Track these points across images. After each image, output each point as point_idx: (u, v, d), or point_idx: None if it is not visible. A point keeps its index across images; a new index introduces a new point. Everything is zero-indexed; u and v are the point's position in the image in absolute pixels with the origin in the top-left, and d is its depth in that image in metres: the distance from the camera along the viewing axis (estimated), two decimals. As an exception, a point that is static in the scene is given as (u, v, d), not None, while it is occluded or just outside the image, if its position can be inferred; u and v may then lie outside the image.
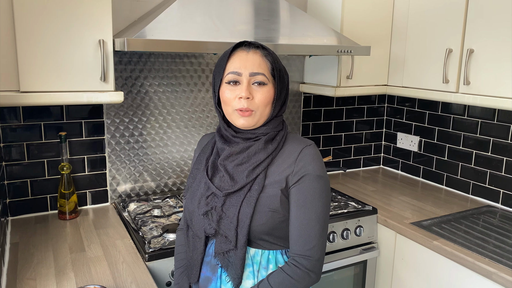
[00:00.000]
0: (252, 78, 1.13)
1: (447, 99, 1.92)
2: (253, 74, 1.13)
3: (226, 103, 1.16)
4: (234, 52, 1.16)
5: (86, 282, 1.34)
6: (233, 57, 1.15)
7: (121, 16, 1.84)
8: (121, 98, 1.57)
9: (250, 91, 1.13)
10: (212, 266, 1.18)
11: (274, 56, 1.17)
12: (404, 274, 1.88)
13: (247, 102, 1.12)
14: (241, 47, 1.16)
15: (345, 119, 2.54)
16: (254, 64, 1.13)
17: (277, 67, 1.17)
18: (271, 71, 1.15)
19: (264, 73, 1.14)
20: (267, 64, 1.15)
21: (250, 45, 1.16)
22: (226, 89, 1.15)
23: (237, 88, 1.14)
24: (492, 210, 2.02)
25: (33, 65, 1.43)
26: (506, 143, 2.02)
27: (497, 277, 1.47)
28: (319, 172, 1.15)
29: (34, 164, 1.81)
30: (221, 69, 1.16)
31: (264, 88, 1.14)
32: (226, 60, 1.15)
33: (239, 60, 1.14)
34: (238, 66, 1.13)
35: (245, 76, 1.13)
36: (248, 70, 1.13)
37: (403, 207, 2.05)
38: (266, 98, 1.14)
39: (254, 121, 1.15)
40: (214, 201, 1.15)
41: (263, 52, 1.16)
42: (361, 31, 2.09)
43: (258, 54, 1.15)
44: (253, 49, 1.15)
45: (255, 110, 1.14)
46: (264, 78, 1.14)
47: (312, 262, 1.13)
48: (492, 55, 1.73)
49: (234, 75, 1.13)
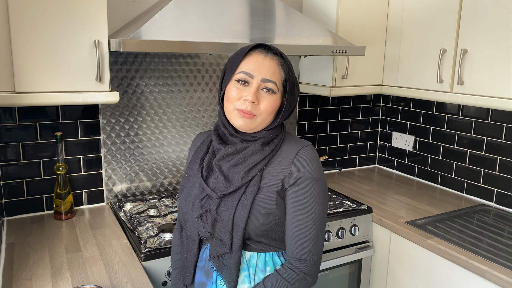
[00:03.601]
0: (263, 84, 1.10)
1: (441, 99, 1.93)
2: (265, 80, 1.10)
3: (229, 100, 1.13)
4: (251, 52, 1.13)
5: (82, 282, 1.34)
6: (249, 57, 1.12)
7: (117, 16, 1.84)
8: (117, 98, 1.57)
9: (258, 96, 1.10)
10: (206, 271, 1.17)
11: (289, 67, 1.14)
12: (399, 272, 1.89)
13: (251, 105, 1.10)
14: (259, 49, 1.13)
15: (341, 119, 2.55)
16: (269, 71, 1.10)
17: (291, 79, 1.14)
18: (283, 82, 1.13)
19: (276, 82, 1.11)
20: (281, 74, 1.12)
21: (269, 50, 1.13)
22: (234, 86, 1.12)
23: (245, 89, 1.11)
24: (486, 209, 2.04)
25: (28, 65, 1.43)
26: (500, 142, 2.04)
27: (490, 275, 1.49)
28: (316, 174, 1.13)
29: (30, 164, 1.81)
30: (234, 66, 1.12)
31: (272, 96, 1.12)
32: (241, 58, 1.12)
33: (255, 62, 1.11)
34: (253, 68, 1.10)
35: (257, 80, 1.10)
36: (261, 75, 1.10)
37: (398, 206, 2.06)
38: (271, 106, 1.12)
39: (253, 126, 1.13)
40: (209, 204, 1.14)
41: (280, 60, 1.13)
42: (356, 31, 2.10)
43: (275, 61, 1.12)
44: (271, 55, 1.12)
45: (257, 116, 1.12)
46: (274, 86, 1.11)
47: (308, 266, 1.12)
48: (485, 56, 1.74)
49: (246, 76, 1.10)
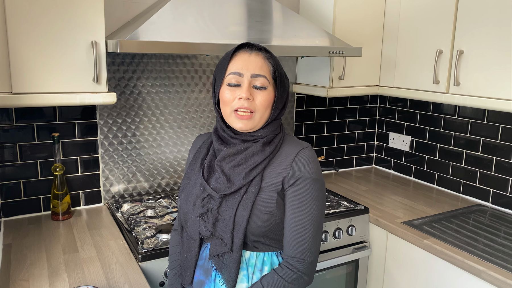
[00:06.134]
0: (253, 80, 1.13)
1: (438, 100, 1.94)
2: (255, 75, 1.13)
3: (225, 103, 1.15)
4: (236, 53, 1.16)
5: (79, 283, 1.34)
6: (235, 58, 1.15)
7: (114, 17, 1.84)
8: (114, 99, 1.57)
9: (251, 93, 1.13)
10: (206, 269, 1.18)
11: (275, 60, 1.17)
12: (396, 272, 1.90)
13: (247, 102, 1.12)
14: (243, 48, 1.16)
15: (338, 119, 2.56)
16: (256, 66, 1.13)
17: (279, 70, 1.17)
18: (272, 74, 1.16)
19: (265, 76, 1.14)
20: (269, 67, 1.15)
21: (252, 47, 1.16)
22: (227, 89, 1.14)
23: (237, 89, 1.13)
24: (482, 209, 2.05)
25: (25, 66, 1.43)
26: (496, 143, 2.05)
27: (486, 275, 1.49)
28: (314, 175, 1.15)
29: (27, 165, 1.81)
30: (222, 70, 1.15)
31: (264, 91, 1.14)
32: (228, 61, 1.15)
33: (241, 61, 1.14)
34: (240, 67, 1.13)
35: (247, 77, 1.13)
36: (250, 72, 1.12)
37: (395, 206, 2.07)
38: (266, 100, 1.14)
39: (253, 124, 1.15)
40: (210, 203, 1.15)
41: (266, 55, 1.16)
42: (353, 32, 2.10)
43: (260, 56, 1.15)
44: (256, 51, 1.15)
45: (255, 112, 1.14)
46: (265, 80, 1.14)
47: (306, 265, 1.13)
48: (481, 57, 1.75)
49: (236, 76, 1.13)
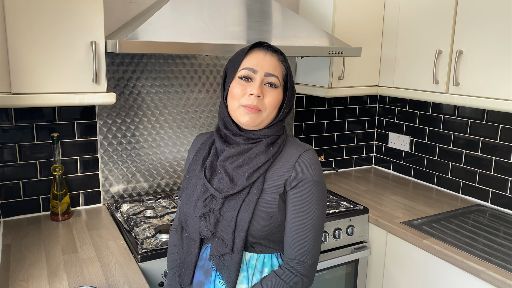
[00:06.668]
0: (266, 79, 1.14)
1: (437, 100, 1.94)
2: (268, 74, 1.14)
3: (234, 97, 1.15)
4: (251, 50, 1.17)
5: (79, 283, 1.34)
6: (250, 54, 1.16)
7: (113, 17, 1.84)
8: (113, 100, 1.57)
9: (262, 91, 1.14)
10: (206, 270, 1.18)
11: (288, 64, 1.20)
12: (395, 272, 1.90)
13: (256, 100, 1.13)
14: (259, 47, 1.17)
15: (337, 119, 2.56)
16: (271, 66, 1.15)
17: (290, 74, 1.19)
18: (284, 77, 1.18)
19: (278, 76, 1.15)
20: (282, 69, 1.17)
21: (268, 47, 1.17)
22: (238, 83, 1.15)
23: (249, 84, 1.14)
24: (482, 209, 2.05)
25: (25, 66, 1.43)
26: (495, 143, 2.05)
27: (485, 275, 1.50)
28: (316, 178, 1.15)
29: (26, 165, 1.81)
30: (236, 64, 1.16)
31: (275, 90, 1.15)
32: (243, 57, 1.16)
33: (256, 58, 1.15)
34: (255, 64, 1.14)
35: (260, 75, 1.14)
36: (264, 70, 1.14)
37: (394, 206, 2.07)
38: (275, 100, 1.16)
39: (258, 121, 1.15)
40: (212, 204, 1.14)
41: (280, 57, 1.18)
42: (352, 32, 2.10)
43: (275, 57, 1.17)
44: (271, 52, 1.17)
45: (263, 110, 1.14)
46: (277, 80, 1.15)
47: (306, 267, 1.14)
48: (480, 57, 1.75)
49: (249, 72, 1.14)
